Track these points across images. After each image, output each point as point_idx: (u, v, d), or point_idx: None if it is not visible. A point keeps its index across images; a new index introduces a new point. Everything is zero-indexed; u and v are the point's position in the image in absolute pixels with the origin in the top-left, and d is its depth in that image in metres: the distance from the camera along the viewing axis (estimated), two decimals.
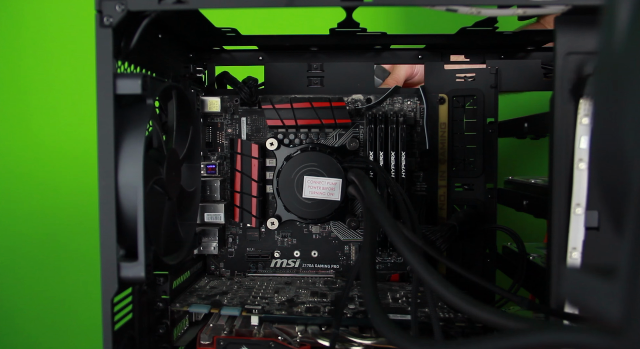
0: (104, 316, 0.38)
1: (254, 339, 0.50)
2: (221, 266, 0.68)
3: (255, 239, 0.67)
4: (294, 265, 0.67)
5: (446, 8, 0.38)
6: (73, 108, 0.96)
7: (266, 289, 0.61)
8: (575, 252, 0.38)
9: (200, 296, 0.57)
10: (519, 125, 0.57)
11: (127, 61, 0.43)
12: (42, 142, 0.96)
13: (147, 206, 0.40)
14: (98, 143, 0.38)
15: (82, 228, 0.95)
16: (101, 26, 0.38)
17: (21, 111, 0.96)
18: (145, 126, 0.39)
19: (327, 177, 0.63)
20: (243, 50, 0.66)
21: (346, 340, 0.49)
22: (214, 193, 0.64)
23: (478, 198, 0.64)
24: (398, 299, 0.58)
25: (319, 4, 0.39)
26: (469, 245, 0.64)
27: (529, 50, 0.63)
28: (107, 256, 0.38)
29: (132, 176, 0.38)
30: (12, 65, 0.95)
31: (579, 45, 0.38)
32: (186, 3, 0.38)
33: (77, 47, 0.95)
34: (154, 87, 0.41)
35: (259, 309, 0.53)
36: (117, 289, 0.38)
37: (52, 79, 0.96)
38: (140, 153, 0.38)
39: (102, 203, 0.38)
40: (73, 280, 0.97)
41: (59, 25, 0.95)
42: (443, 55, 0.64)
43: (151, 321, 0.48)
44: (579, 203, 0.38)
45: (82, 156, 0.95)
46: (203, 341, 0.51)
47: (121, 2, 0.37)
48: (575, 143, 0.37)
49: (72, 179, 0.96)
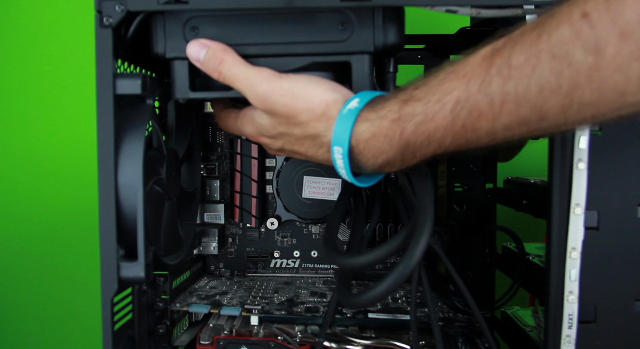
0: (104, 316, 0.38)
1: (253, 339, 0.50)
2: (221, 266, 0.68)
3: (255, 239, 0.67)
4: (294, 265, 0.67)
5: (446, 9, 0.38)
6: (73, 108, 0.96)
7: (266, 289, 0.61)
8: (574, 252, 0.38)
9: (200, 296, 0.57)
10: None
11: (127, 61, 0.43)
12: (42, 142, 0.96)
13: (147, 207, 0.40)
14: (98, 143, 0.38)
15: (82, 228, 0.95)
16: (101, 26, 0.38)
17: (21, 111, 0.96)
18: (145, 126, 0.40)
19: (327, 177, 0.63)
20: None
21: (346, 340, 0.49)
22: (214, 193, 0.64)
23: (477, 198, 0.64)
24: (398, 299, 0.58)
25: (319, 4, 0.39)
26: (469, 245, 0.64)
27: None
28: (106, 256, 0.38)
29: (132, 177, 0.38)
30: (11, 65, 0.95)
31: None
32: (186, 3, 0.38)
33: (77, 47, 0.95)
34: (153, 87, 0.41)
35: (259, 309, 0.53)
36: (116, 289, 0.38)
37: (52, 79, 0.96)
38: (140, 153, 0.38)
39: (102, 203, 0.38)
40: (73, 280, 0.97)
41: (59, 25, 0.95)
42: (442, 55, 0.64)
43: (151, 321, 0.48)
44: (578, 203, 0.38)
45: (82, 156, 0.95)
46: (203, 341, 0.51)
47: (121, 2, 0.37)
48: (575, 143, 0.37)
49: (72, 179, 0.95)
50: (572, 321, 0.38)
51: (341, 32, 0.40)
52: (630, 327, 0.39)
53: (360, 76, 0.40)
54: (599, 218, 0.39)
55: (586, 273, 0.38)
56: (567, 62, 0.28)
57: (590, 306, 0.39)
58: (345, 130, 0.36)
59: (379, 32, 0.40)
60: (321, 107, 0.37)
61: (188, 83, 0.41)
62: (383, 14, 0.40)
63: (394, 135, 0.34)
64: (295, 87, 0.38)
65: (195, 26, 0.40)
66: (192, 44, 0.40)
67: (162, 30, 0.40)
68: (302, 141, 0.40)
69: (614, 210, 0.39)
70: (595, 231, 0.39)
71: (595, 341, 0.39)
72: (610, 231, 0.39)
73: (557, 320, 0.38)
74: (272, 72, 0.39)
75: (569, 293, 0.38)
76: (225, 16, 0.40)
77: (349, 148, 0.36)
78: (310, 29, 0.40)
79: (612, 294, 0.39)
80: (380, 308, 0.55)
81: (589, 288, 0.39)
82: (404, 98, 0.34)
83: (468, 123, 0.32)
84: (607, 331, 0.39)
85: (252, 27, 0.40)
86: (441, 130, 0.33)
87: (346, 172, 0.37)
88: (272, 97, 0.38)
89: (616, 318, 0.39)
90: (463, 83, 0.32)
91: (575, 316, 0.38)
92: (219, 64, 0.39)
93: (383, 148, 0.35)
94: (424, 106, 0.33)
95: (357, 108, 0.36)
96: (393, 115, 0.34)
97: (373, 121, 0.35)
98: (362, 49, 0.40)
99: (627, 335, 0.39)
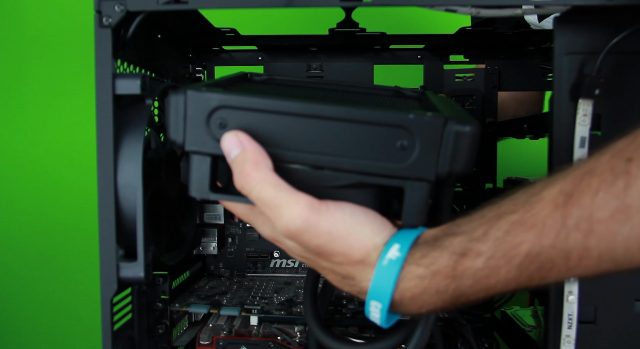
0: (103, 316, 0.38)
1: (253, 340, 0.50)
2: (220, 266, 0.68)
3: (254, 239, 0.67)
4: (294, 265, 0.67)
5: (445, 8, 0.38)
6: (72, 108, 0.96)
7: (265, 289, 0.61)
8: None
9: (200, 296, 0.57)
10: (518, 125, 0.57)
11: (126, 61, 0.43)
12: (42, 142, 0.96)
13: (147, 207, 0.40)
14: (97, 143, 0.38)
15: (82, 228, 0.95)
16: (100, 26, 0.38)
17: (21, 111, 0.96)
18: (145, 126, 0.39)
19: None
20: (242, 50, 0.66)
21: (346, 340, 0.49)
22: None
23: (477, 198, 0.64)
24: None
25: (319, 4, 0.39)
26: None
27: (529, 50, 0.63)
28: (106, 256, 0.38)
29: (131, 177, 0.38)
30: (11, 65, 0.95)
31: (578, 45, 0.38)
32: (185, 3, 0.38)
33: (77, 47, 0.95)
34: (153, 87, 0.41)
35: (258, 309, 0.53)
36: (116, 289, 0.38)
37: (52, 79, 0.96)
38: (139, 153, 0.38)
39: (101, 204, 0.38)
40: (73, 280, 0.97)
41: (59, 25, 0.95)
42: (442, 55, 0.64)
43: (150, 322, 0.48)
44: None
45: (81, 156, 0.95)
46: (202, 341, 0.51)
47: (120, 2, 0.37)
48: (575, 144, 0.37)
49: (72, 179, 0.96)
50: (571, 321, 0.38)
51: (401, 153, 0.32)
52: (630, 327, 0.39)
53: (413, 207, 0.33)
54: None
55: None
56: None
57: (590, 307, 0.39)
58: (387, 286, 0.31)
59: (445, 158, 0.32)
60: (360, 254, 0.32)
61: (208, 183, 0.34)
62: (455, 137, 0.31)
63: (446, 290, 0.30)
64: (334, 229, 0.32)
65: (224, 123, 0.33)
66: (228, 137, 0.33)
67: (182, 114, 0.33)
68: (333, 275, 0.35)
69: None
70: None
71: (595, 341, 0.39)
72: None
73: (557, 320, 0.38)
74: (309, 203, 0.32)
75: (568, 293, 0.38)
76: (260, 113, 0.33)
77: (389, 304, 0.32)
78: (361, 143, 0.32)
79: (611, 295, 0.39)
80: None
81: (588, 288, 0.39)
82: (460, 252, 0.30)
83: (536, 276, 0.29)
84: (607, 331, 0.39)
85: (292, 131, 0.33)
86: (503, 282, 0.29)
87: (380, 322, 0.33)
88: (305, 237, 0.32)
89: (616, 318, 0.39)
90: (534, 236, 0.28)
91: (575, 316, 0.38)
92: (244, 177, 0.33)
93: (431, 302, 0.31)
94: (486, 261, 0.29)
95: (399, 259, 0.31)
96: (447, 271, 0.30)
97: (423, 279, 0.31)
98: (422, 176, 0.32)
99: (627, 335, 0.39)
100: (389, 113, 0.32)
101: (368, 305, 0.33)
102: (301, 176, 0.33)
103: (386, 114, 0.32)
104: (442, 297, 0.31)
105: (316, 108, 0.32)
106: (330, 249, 0.33)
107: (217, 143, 0.33)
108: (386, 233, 0.33)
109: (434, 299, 0.31)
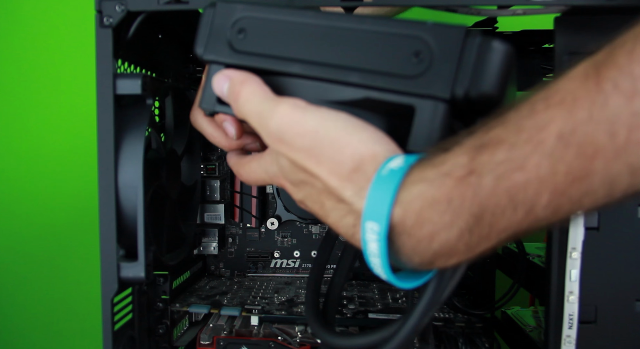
0: (104, 316, 0.38)
1: (253, 340, 0.50)
2: (221, 266, 0.68)
3: (255, 239, 0.67)
4: (294, 265, 0.67)
5: (446, 8, 0.38)
6: (73, 108, 0.96)
7: (266, 289, 0.61)
8: (575, 252, 0.38)
9: (200, 296, 0.57)
10: None
11: (127, 61, 0.43)
12: (42, 142, 0.96)
13: (147, 207, 0.40)
14: (98, 143, 0.38)
15: (82, 228, 0.95)
16: (101, 26, 0.38)
17: (21, 111, 0.96)
18: (145, 126, 0.40)
19: None
20: None
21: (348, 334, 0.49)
22: (214, 193, 0.64)
23: None
24: (398, 299, 0.58)
25: (319, 4, 0.39)
26: None
27: (529, 50, 0.63)
28: (107, 256, 0.38)
29: (132, 176, 0.38)
30: (11, 65, 0.95)
31: (579, 45, 0.38)
32: (186, 3, 0.38)
33: (77, 47, 0.95)
34: (154, 87, 0.41)
35: (259, 309, 0.53)
36: (117, 289, 0.38)
37: (52, 79, 0.96)
38: (140, 153, 0.38)
39: (102, 203, 0.38)
40: (73, 280, 0.97)
41: (59, 25, 0.95)
42: None
43: (151, 321, 0.48)
44: None
45: (82, 156, 0.95)
46: (203, 341, 0.51)
47: (121, 2, 0.37)
48: None
49: (72, 179, 0.96)
50: (572, 322, 0.38)
51: (414, 65, 0.28)
52: (630, 327, 0.39)
53: (423, 129, 0.28)
54: (599, 219, 0.39)
55: (586, 273, 0.38)
56: None
57: (591, 307, 0.39)
58: (384, 199, 0.25)
59: (465, 74, 0.27)
60: (353, 161, 0.27)
61: (216, 96, 0.36)
62: (478, 49, 0.27)
63: (462, 203, 0.24)
64: (322, 127, 0.28)
65: (243, 28, 0.34)
66: (216, 77, 0.34)
67: (209, 26, 0.36)
68: (323, 199, 0.29)
69: (614, 210, 0.39)
70: (595, 231, 0.39)
71: (595, 341, 0.39)
72: (610, 232, 0.39)
73: (558, 320, 0.38)
74: (297, 103, 0.29)
75: (569, 293, 0.38)
76: (278, 22, 0.33)
77: (389, 226, 0.25)
78: (372, 53, 0.30)
79: (612, 295, 0.39)
80: (381, 308, 0.54)
81: (589, 288, 0.39)
82: (476, 144, 0.24)
83: (576, 168, 0.22)
84: (607, 331, 0.39)
85: (303, 39, 0.32)
86: (534, 183, 0.23)
87: (381, 261, 0.26)
88: (288, 136, 0.28)
89: (616, 318, 0.39)
90: (564, 111, 0.22)
91: (576, 316, 0.38)
92: (234, 98, 0.32)
93: (444, 222, 0.24)
94: (508, 151, 0.23)
95: (402, 168, 0.26)
96: (461, 171, 0.24)
97: (432, 182, 0.25)
98: (435, 93, 0.28)
99: (627, 335, 0.39)
100: (406, 22, 0.30)
101: (364, 234, 0.26)
102: (307, 91, 0.32)
103: (403, 23, 0.30)
104: (456, 212, 0.24)
105: (333, 18, 0.32)
106: (317, 152, 0.28)
107: (233, 52, 0.35)
108: (390, 147, 0.28)
109: (447, 218, 0.24)
